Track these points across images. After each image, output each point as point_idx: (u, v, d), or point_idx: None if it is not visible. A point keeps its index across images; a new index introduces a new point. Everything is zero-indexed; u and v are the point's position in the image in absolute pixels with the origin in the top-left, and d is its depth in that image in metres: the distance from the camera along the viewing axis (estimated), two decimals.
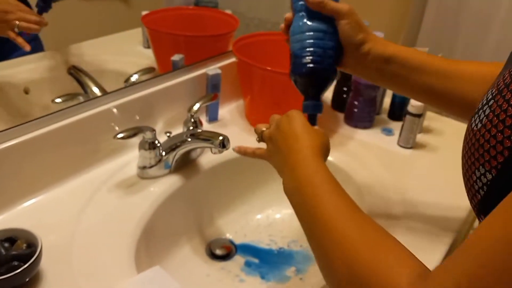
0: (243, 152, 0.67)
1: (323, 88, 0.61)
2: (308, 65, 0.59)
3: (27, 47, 0.76)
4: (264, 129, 0.62)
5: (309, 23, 0.59)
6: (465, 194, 0.43)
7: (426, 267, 0.38)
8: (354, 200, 0.47)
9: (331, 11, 0.58)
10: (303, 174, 0.50)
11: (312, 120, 0.62)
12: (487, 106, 0.38)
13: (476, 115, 0.39)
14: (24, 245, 0.57)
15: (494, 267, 0.28)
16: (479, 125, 0.38)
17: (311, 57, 0.59)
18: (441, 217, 0.73)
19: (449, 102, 0.60)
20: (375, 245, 0.40)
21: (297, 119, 0.56)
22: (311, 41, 0.58)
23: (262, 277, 0.75)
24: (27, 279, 0.55)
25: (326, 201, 0.46)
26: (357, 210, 0.45)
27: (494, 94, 0.38)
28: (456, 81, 0.58)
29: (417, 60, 0.59)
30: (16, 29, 0.76)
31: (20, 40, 0.76)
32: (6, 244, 0.56)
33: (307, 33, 0.59)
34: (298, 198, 0.50)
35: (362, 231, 0.42)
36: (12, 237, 0.57)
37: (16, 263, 0.54)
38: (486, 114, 0.37)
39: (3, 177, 0.65)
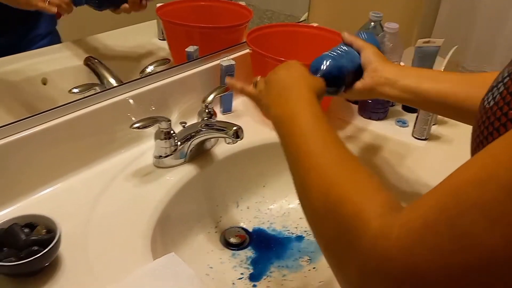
0: (231, 85, 0.71)
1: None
2: (322, 68, 0.66)
3: (54, 9, 0.77)
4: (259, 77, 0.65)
5: (343, 46, 0.70)
6: None
7: (400, 203, 0.37)
8: (337, 134, 0.48)
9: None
10: (292, 103, 0.52)
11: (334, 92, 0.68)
12: (501, 83, 0.37)
13: (490, 93, 0.39)
14: (44, 230, 0.58)
15: (463, 203, 0.28)
16: (492, 102, 0.37)
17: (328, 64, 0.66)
18: None
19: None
20: (352, 176, 0.41)
21: (296, 64, 0.61)
22: (335, 54, 0.68)
23: (275, 265, 0.75)
24: (46, 264, 0.56)
25: (313, 137, 0.47)
26: (341, 147, 0.46)
27: (510, 72, 0.37)
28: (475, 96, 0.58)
29: (429, 100, 0.63)
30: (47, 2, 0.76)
31: (47, 8, 0.77)
32: (26, 230, 0.58)
33: (337, 50, 0.69)
34: (285, 129, 0.51)
35: (342, 163, 0.43)
36: (31, 223, 0.59)
37: (36, 248, 0.55)
38: (500, 91, 0.36)
39: (21, 166, 0.67)
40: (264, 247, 0.79)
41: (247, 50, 0.95)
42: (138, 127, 0.70)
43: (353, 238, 0.35)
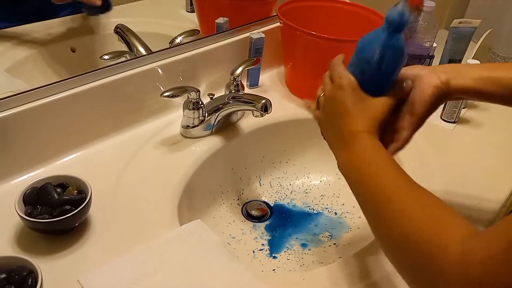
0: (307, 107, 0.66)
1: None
2: None
3: (98, 2, 0.77)
4: (321, 95, 0.58)
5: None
6: (508, 171, 0.43)
7: (474, 226, 0.38)
8: (404, 171, 0.48)
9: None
10: (361, 154, 0.50)
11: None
12: None
13: None
14: (75, 191, 0.60)
15: None
16: None
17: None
18: (482, 194, 0.72)
19: None
20: (427, 208, 0.42)
21: (347, 89, 0.53)
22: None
23: (296, 239, 0.76)
24: (77, 223, 0.58)
25: (385, 179, 0.47)
26: (413, 184, 0.46)
27: None
28: None
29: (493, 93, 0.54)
30: None
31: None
32: (59, 189, 0.60)
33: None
34: (355, 176, 0.50)
35: (416, 198, 0.44)
36: (63, 183, 0.61)
37: (68, 207, 0.57)
38: None
39: (54, 128, 0.69)
40: (285, 221, 0.80)
41: (277, 24, 0.94)
42: (168, 96, 0.70)
43: (435, 265, 0.36)
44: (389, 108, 0.53)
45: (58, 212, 0.56)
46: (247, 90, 0.93)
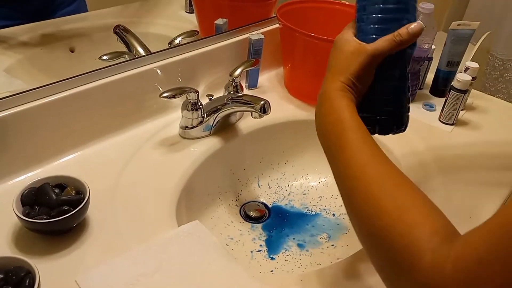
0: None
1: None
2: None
3: None
4: None
5: None
6: (506, 173, 0.42)
7: (451, 228, 0.37)
8: (378, 146, 0.45)
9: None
10: (327, 119, 0.48)
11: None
12: None
13: None
14: (73, 191, 0.60)
15: (509, 237, 0.29)
16: None
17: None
18: (480, 197, 0.72)
19: None
20: (398, 201, 0.39)
21: (337, 42, 0.51)
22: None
23: (294, 240, 0.76)
24: (75, 224, 0.58)
25: (354, 153, 0.44)
26: (384, 161, 0.43)
27: None
28: None
29: None
30: None
31: None
32: (57, 190, 0.59)
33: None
34: (326, 144, 0.48)
35: (387, 187, 0.40)
36: (62, 184, 0.60)
37: (66, 207, 0.57)
38: None
39: (52, 128, 0.68)
40: (283, 222, 0.80)
41: (277, 25, 0.95)
42: (166, 96, 0.70)
43: (406, 270, 0.35)
44: (374, 55, 0.48)
45: (56, 213, 0.56)
46: (246, 91, 0.93)
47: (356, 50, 0.49)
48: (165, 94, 0.70)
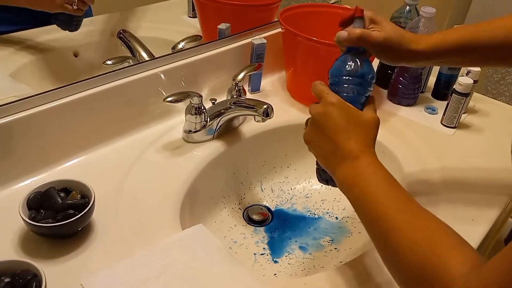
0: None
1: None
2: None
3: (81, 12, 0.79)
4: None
5: (348, 65, 0.57)
6: (509, 176, 0.44)
7: (478, 256, 0.39)
8: (406, 191, 0.48)
9: (369, 46, 0.58)
10: (360, 171, 0.50)
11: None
12: None
13: None
14: (78, 195, 0.60)
15: None
16: None
17: (346, 98, 0.56)
18: (483, 199, 0.72)
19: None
20: (429, 238, 0.42)
21: (340, 105, 0.54)
22: (347, 86, 0.56)
23: (297, 244, 0.77)
24: (80, 227, 0.59)
25: (385, 200, 0.47)
26: (414, 205, 0.46)
27: None
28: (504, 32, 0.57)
29: (461, 47, 0.59)
30: (74, 5, 0.79)
31: (78, 13, 0.79)
32: (62, 194, 0.60)
33: (345, 77, 0.57)
34: (355, 194, 0.50)
35: (419, 226, 0.44)
36: (67, 188, 0.61)
37: (71, 211, 0.57)
38: None
39: (57, 133, 0.69)
40: (286, 226, 0.81)
41: (279, 30, 0.95)
42: (170, 101, 0.71)
43: None
44: (379, 123, 0.55)
45: (61, 217, 0.56)
46: (248, 95, 0.94)
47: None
48: (169, 99, 0.71)
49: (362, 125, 0.53)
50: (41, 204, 0.58)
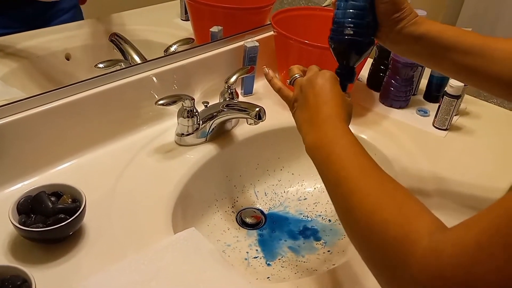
0: (270, 78, 0.67)
1: (359, 58, 0.63)
2: (348, 37, 0.61)
3: None
4: (297, 75, 0.63)
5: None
6: (500, 178, 0.43)
7: (444, 224, 0.38)
8: (375, 161, 0.48)
9: None
10: (330, 134, 0.52)
11: (343, 88, 0.63)
12: None
13: None
14: (69, 200, 0.60)
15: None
16: None
17: (352, 29, 0.60)
18: (475, 201, 0.73)
19: (480, 80, 0.60)
20: (394, 199, 0.42)
21: (332, 80, 0.58)
22: (355, 11, 0.60)
23: (290, 247, 0.76)
24: (71, 232, 0.58)
25: (351, 162, 0.47)
26: (381, 171, 0.47)
27: None
28: (487, 59, 0.57)
29: (447, 39, 0.59)
30: None
31: None
32: (53, 198, 0.60)
33: (352, 2, 0.60)
34: (322, 156, 0.51)
35: (384, 190, 0.43)
36: (58, 192, 0.61)
37: (62, 215, 0.57)
38: None
39: (48, 137, 0.69)
40: (279, 228, 0.81)
41: (271, 32, 0.95)
42: (162, 104, 0.71)
43: (403, 258, 0.36)
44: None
45: (52, 221, 0.56)
46: (241, 98, 0.94)
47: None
48: (161, 102, 0.71)
49: (346, 105, 0.57)
50: (31, 208, 0.58)
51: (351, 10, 0.60)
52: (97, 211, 0.62)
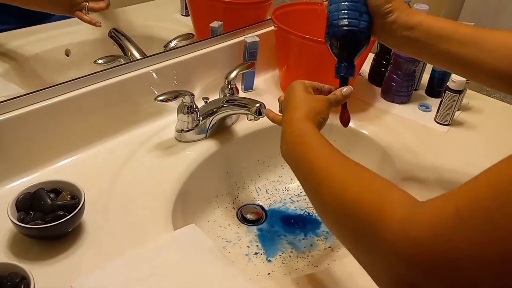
0: (267, 114, 0.70)
1: (357, 51, 0.62)
2: (344, 27, 0.60)
3: (98, 23, 0.80)
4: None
5: None
6: None
7: (417, 200, 0.37)
8: (339, 150, 0.50)
9: None
10: (291, 138, 0.55)
11: (344, 83, 0.63)
12: None
13: None
14: (68, 196, 0.59)
15: (501, 197, 0.29)
16: None
17: (347, 20, 0.60)
18: None
19: (476, 71, 0.60)
20: (362, 179, 0.43)
21: (294, 89, 0.61)
22: (348, 3, 0.60)
23: (291, 243, 0.76)
24: (70, 229, 0.58)
25: (316, 155, 0.49)
26: (345, 158, 0.48)
27: None
28: (482, 49, 0.57)
29: (440, 28, 0.59)
30: (85, 10, 0.78)
31: (88, 19, 0.79)
32: (52, 195, 0.59)
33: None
34: (291, 159, 0.54)
35: (351, 172, 0.45)
36: (57, 189, 0.60)
37: (61, 212, 0.56)
38: None
39: (47, 133, 0.68)
40: (280, 225, 0.80)
41: (272, 27, 0.95)
42: (162, 100, 0.70)
43: (377, 229, 0.36)
44: (328, 104, 0.60)
45: (51, 218, 0.55)
46: (241, 94, 0.93)
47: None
48: (160, 98, 0.70)
49: (312, 100, 0.59)
50: (30, 205, 0.57)
51: (344, 3, 0.60)
52: (96, 208, 0.62)
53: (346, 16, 0.60)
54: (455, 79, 0.84)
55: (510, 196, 0.28)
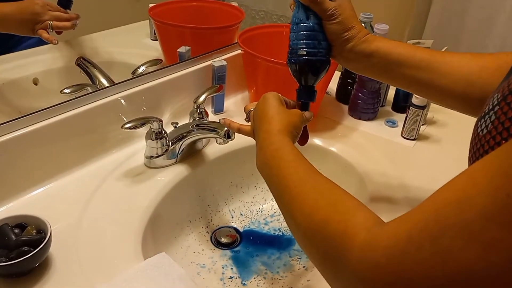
0: (228, 125, 0.70)
1: (317, 77, 0.64)
2: (303, 57, 0.62)
3: (55, 41, 0.79)
4: (251, 109, 0.66)
5: (304, 14, 0.61)
6: None
7: (381, 219, 0.39)
8: (313, 166, 0.51)
9: (318, 11, 0.60)
10: (269, 150, 0.55)
11: (305, 107, 0.65)
12: (492, 112, 0.38)
13: (482, 120, 0.39)
14: (34, 231, 0.58)
15: (443, 222, 0.30)
16: (485, 130, 0.38)
17: (305, 49, 0.61)
18: None
19: (430, 93, 0.64)
20: (331, 199, 0.44)
21: (270, 101, 0.60)
22: (306, 32, 0.61)
23: (265, 263, 0.76)
24: (36, 264, 0.56)
25: (289, 171, 0.50)
26: (318, 175, 0.49)
27: (499, 100, 0.37)
28: (435, 73, 0.60)
29: (397, 54, 0.61)
30: (49, 29, 0.78)
31: (47, 37, 0.79)
32: (17, 230, 0.58)
33: (302, 24, 0.61)
34: (267, 172, 0.54)
35: (322, 191, 0.46)
36: (22, 223, 0.59)
37: (26, 248, 0.55)
38: (491, 120, 0.37)
39: (12, 166, 0.67)
40: (255, 246, 0.80)
41: (239, 51, 0.96)
42: (129, 127, 0.70)
43: (342, 252, 0.37)
44: (302, 119, 0.61)
45: (15, 254, 0.54)
46: (212, 117, 0.94)
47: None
48: (127, 125, 0.70)
49: (286, 114, 0.59)
50: None
51: (302, 32, 0.61)
52: (64, 241, 0.61)
53: (304, 46, 0.61)
54: (418, 96, 0.86)
55: (450, 219, 0.30)
